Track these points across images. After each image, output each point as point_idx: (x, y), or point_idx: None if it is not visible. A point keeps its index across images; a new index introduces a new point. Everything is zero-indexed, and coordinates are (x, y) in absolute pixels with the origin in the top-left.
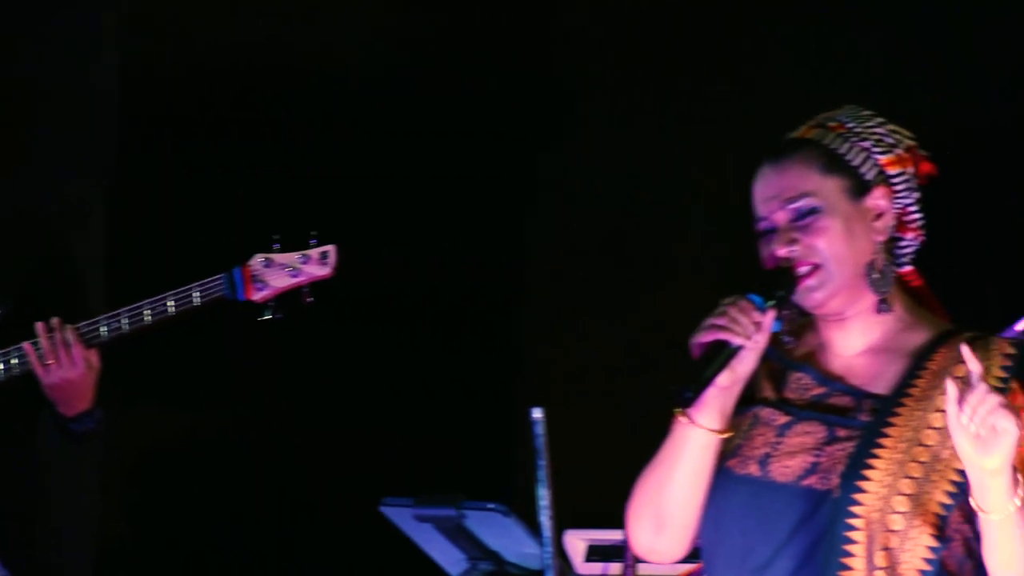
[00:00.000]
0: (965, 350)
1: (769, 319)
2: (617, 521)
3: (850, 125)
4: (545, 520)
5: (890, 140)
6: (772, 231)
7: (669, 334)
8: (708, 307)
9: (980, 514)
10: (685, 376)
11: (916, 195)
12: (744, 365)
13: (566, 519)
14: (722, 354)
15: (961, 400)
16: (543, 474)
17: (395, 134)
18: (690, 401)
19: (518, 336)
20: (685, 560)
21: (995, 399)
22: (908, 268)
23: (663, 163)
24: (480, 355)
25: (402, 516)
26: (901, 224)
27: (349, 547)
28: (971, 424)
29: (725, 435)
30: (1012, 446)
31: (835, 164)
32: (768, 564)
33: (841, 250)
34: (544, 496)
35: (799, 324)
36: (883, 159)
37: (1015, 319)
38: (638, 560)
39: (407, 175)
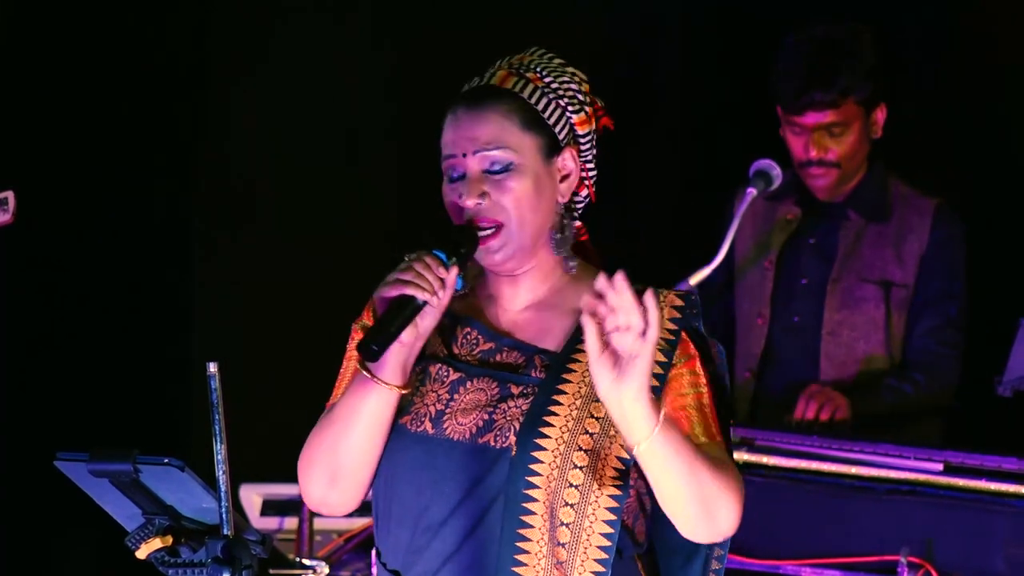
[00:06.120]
0: (648, 297)
1: (453, 276)
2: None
3: (548, 80)
4: (220, 475)
5: (581, 97)
6: (462, 177)
7: (341, 290)
8: (383, 261)
9: (635, 452)
10: (371, 330)
11: (595, 151)
12: (427, 321)
13: (242, 474)
14: (407, 309)
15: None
16: (218, 428)
17: None
18: (377, 355)
19: (192, 289)
20: (356, 513)
21: (636, 321)
22: (577, 223)
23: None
24: (155, 309)
25: (77, 471)
26: (579, 181)
27: (23, 501)
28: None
29: (405, 391)
30: (647, 368)
31: (534, 122)
32: (443, 523)
33: (527, 211)
34: (219, 451)
35: (470, 273)
36: (576, 119)
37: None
38: (314, 515)
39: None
